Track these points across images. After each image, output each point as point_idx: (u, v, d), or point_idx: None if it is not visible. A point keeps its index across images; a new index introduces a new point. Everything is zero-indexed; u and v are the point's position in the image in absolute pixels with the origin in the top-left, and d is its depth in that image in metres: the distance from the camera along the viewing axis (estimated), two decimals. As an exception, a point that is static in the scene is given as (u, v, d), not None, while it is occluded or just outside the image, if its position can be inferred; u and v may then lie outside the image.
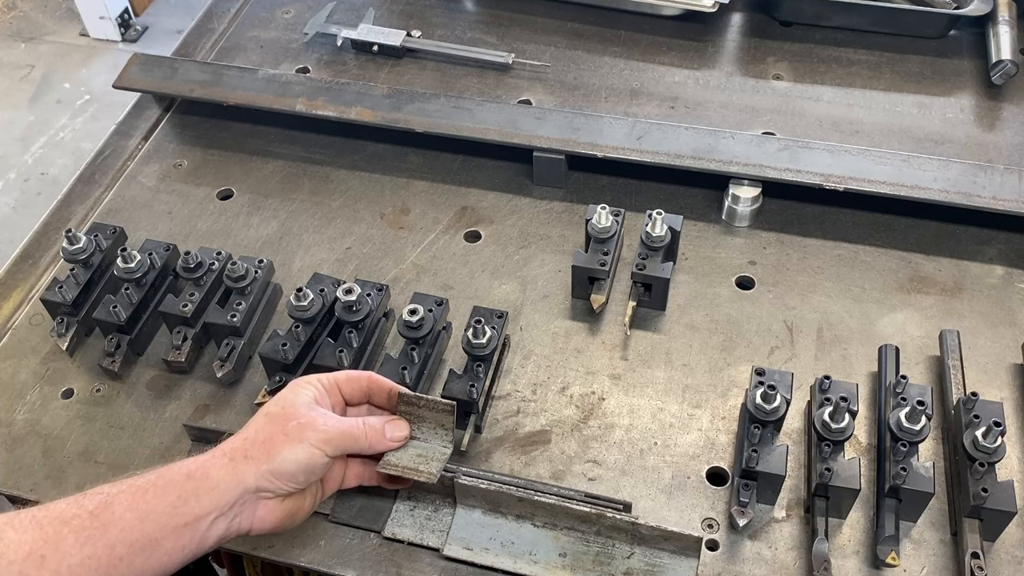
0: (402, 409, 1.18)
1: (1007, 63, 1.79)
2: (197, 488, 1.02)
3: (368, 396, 1.19)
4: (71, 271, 1.47)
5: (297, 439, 1.06)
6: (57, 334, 1.46)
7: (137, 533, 0.98)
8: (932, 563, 1.21)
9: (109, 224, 1.53)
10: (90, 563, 0.95)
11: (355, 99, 1.73)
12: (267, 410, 1.10)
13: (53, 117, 4.16)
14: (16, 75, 4.36)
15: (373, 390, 1.18)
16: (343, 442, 1.10)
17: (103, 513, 0.97)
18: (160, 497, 1.00)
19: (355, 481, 1.21)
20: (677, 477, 1.30)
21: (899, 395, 1.26)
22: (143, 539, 0.98)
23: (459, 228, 1.64)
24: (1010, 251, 1.56)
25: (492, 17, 2.05)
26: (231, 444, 1.07)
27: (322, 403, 1.13)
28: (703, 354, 1.44)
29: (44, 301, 1.47)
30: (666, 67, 1.91)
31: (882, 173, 1.55)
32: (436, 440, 1.19)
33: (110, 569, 0.96)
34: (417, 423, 1.19)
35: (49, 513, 0.97)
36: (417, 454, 1.18)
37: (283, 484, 1.07)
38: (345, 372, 1.18)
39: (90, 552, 0.95)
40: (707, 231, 1.62)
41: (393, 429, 1.16)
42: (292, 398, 1.11)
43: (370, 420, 1.15)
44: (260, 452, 1.05)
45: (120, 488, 1.01)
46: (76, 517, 0.97)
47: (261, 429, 1.08)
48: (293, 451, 1.06)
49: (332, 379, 1.16)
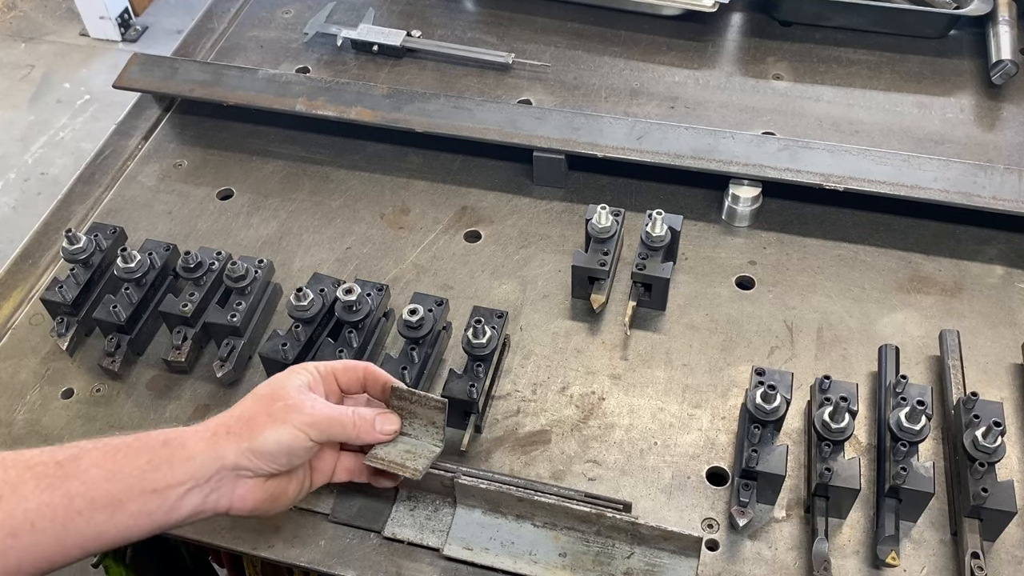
0: (394, 403, 1.17)
1: (1007, 63, 1.79)
2: (172, 456, 1.01)
3: (364, 386, 1.18)
4: (71, 271, 1.47)
5: (281, 420, 1.05)
6: (57, 334, 1.46)
7: (101, 491, 0.97)
8: (932, 563, 1.21)
9: (109, 224, 1.53)
10: (46, 511, 0.95)
11: (355, 99, 1.73)
12: (257, 391, 1.10)
13: (53, 117, 4.16)
14: (16, 75, 4.36)
15: (369, 381, 1.17)
16: (329, 427, 1.09)
17: (69, 464, 0.97)
18: (130, 459, 1.00)
19: (345, 475, 1.20)
20: (677, 477, 1.30)
21: (899, 395, 1.26)
22: (105, 497, 0.97)
23: (459, 228, 1.64)
24: (1010, 251, 1.56)
25: (492, 17, 2.05)
26: (216, 420, 1.07)
27: (315, 389, 1.12)
28: (703, 354, 1.44)
29: (44, 301, 1.47)
30: (666, 67, 1.91)
31: (882, 173, 1.55)
32: (427, 437, 1.18)
33: (67, 521, 0.96)
34: (409, 418, 1.18)
35: (18, 457, 0.98)
36: (405, 450, 1.17)
37: (264, 464, 1.05)
38: (343, 361, 1.18)
39: (47, 500, 0.95)
40: (707, 231, 1.62)
41: (383, 422, 1.15)
42: (284, 381, 1.10)
43: (361, 410, 1.13)
44: (243, 429, 1.05)
45: (95, 444, 1.01)
46: (41, 464, 0.97)
47: (247, 408, 1.08)
48: (275, 431, 1.05)
49: (329, 367, 1.15)
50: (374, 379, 1.18)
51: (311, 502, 1.28)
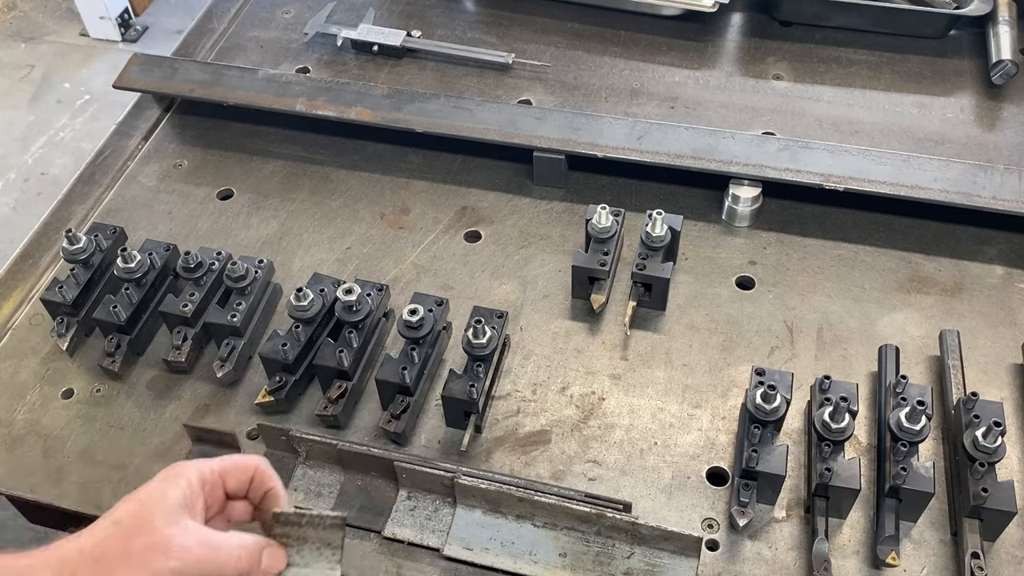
0: (278, 532, 0.98)
1: (1007, 63, 1.79)
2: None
3: (251, 489, 1.00)
4: (71, 271, 1.47)
5: (140, 565, 0.85)
6: (57, 334, 1.46)
7: None
8: (932, 563, 1.21)
9: (109, 224, 1.53)
10: None
11: (355, 99, 1.73)
12: (117, 513, 0.89)
13: (53, 117, 4.15)
14: (16, 75, 4.36)
15: (255, 484, 0.99)
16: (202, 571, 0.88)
17: None
18: None
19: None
20: (677, 477, 1.30)
21: (899, 395, 1.26)
22: None
23: (459, 228, 1.64)
24: (1010, 251, 1.56)
25: (492, 17, 2.05)
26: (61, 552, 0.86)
27: (192, 506, 0.91)
28: (703, 354, 1.44)
29: (44, 301, 1.47)
30: (666, 67, 1.91)
31: (882, 173, 1.55)
32: (321, 563, 0.99)
33: None
34: (298, 545, 0.98)
35: None
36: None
37: None
38: (234, 458, 0.99)
39: None
40: (707, 231, 1.62)
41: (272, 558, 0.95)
42: (154, 501, 0.89)
43: (246, 541, 0.93)
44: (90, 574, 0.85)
45: None
46: None
47: (101, 541, 0.86)
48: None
49: (217, 470, 0.96)
50: (260, 483, 0.99)
51: (311, 502, 1.28)
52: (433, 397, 1.39)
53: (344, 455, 1.28)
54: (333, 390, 1.35)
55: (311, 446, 1.30)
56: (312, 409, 1.39)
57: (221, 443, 1.33)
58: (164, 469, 0.93)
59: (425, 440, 1.35)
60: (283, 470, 1.32)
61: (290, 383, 1.36)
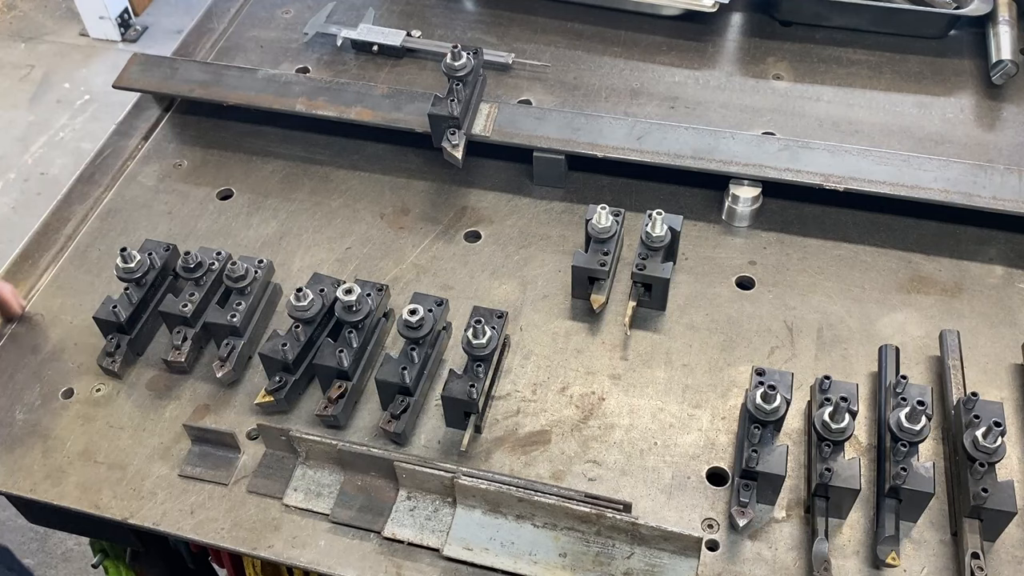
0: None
1: (1007, 63, 1.79)
2: None
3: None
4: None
5: None
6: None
7: None
8: (932, 563, 1.21)
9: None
10: None
11: (355, 99, 1.73)
12: None
13: (53, 117, 4.16)
14: (16, 75, 4.36)
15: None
16: None
17: None
18: None
19: None
20: (677, 477, 1.30)
21: (899, 395, 1.26)
22: None
23: (459, 228, 1.64)
24: (1010, 251, 1.56)
25: (492, 17, 2.05)
26: None
27: None
28: (703, 354, 1.44)
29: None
30: (666, 67, 1.91)
31: (882, 173, 1.55)
32: None
33: None
34: None
35: None
36: None
37: None
38: None
39: None
40: (707, 231, 1.62)
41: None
42: None
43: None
44: None
45: None
46: None
47: None
48: None
49: None
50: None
51: (311, 502, 1.28)
52: (433, 397, 1.39)
53: (344, 455, 1.28)
54: (333, 390, 1.35)
55: (311, 446, 1.30)
56: (312, 409, 1.39)
57: (221, 443, 1.33)
58: None
59: (425, 440, 1.35)
60: (283, 470, 1.32)
61: (290, 383, 1.36)
